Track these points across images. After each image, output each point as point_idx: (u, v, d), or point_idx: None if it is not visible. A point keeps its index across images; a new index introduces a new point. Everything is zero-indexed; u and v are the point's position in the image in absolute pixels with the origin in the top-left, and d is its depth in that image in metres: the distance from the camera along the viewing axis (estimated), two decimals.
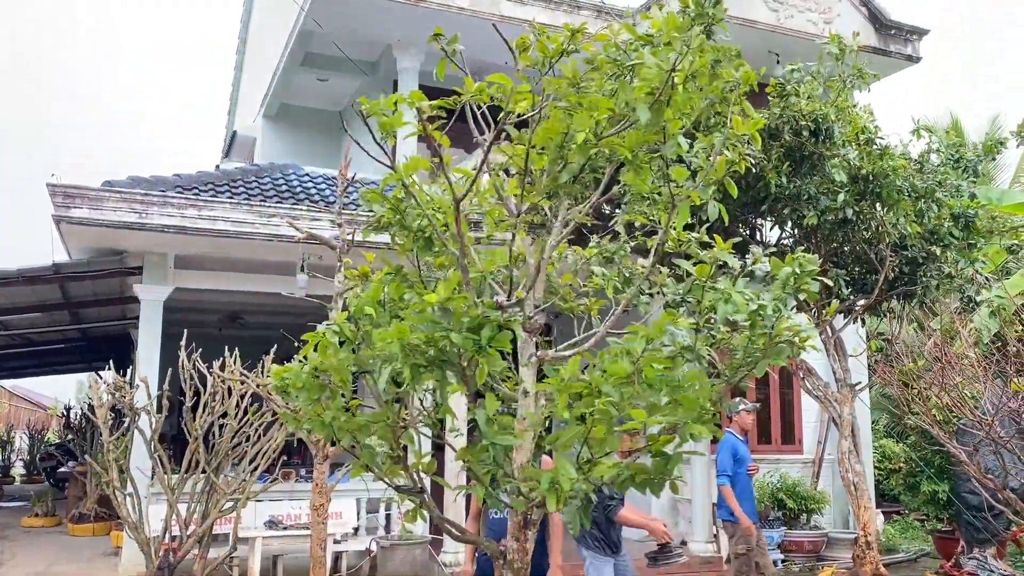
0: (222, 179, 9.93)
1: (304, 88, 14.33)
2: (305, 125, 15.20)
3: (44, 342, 16.27)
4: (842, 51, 8.11)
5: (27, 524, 13.30)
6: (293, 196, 9.71)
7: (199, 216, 8.59)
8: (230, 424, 8.48)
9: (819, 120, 7.66)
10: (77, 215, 8.23)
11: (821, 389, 8.74)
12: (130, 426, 8.57)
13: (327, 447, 6.58)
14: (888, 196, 7.88)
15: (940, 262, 8.36)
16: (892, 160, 7.66)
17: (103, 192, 8.37)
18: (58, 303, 11.73)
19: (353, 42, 12.38)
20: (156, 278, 9.44)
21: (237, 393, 8.47)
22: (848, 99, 8.22)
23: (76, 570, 9.70)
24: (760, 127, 3.61)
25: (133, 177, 9.06)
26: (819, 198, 7.82)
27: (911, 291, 8.66)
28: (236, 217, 8.75)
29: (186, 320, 9.99)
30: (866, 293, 8.82)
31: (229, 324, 14.84)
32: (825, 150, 7.78)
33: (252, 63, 17.87)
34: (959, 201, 8.13)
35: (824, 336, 8.78)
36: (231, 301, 12.69)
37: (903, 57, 12.65)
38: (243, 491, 8.46)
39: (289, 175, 10.67)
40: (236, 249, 9.23)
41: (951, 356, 6.20)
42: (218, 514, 8.48)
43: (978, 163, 8.53)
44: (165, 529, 8.36)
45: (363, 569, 9.35)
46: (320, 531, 6.48)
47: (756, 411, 8.07)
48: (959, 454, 5.84)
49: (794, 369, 9.06)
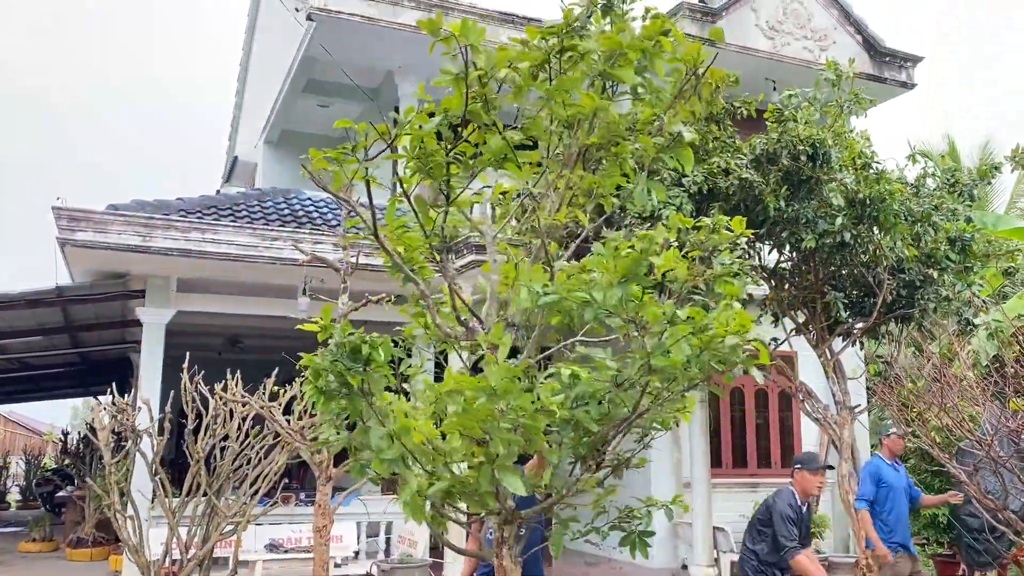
0: (225, 203, 10.01)
1: (306, 114, 14.47)
2: (305, 150, 15.31)
3: (42, 366, 16.26)
4: (839, 77, 8.25)
5: (24, 549, 13.22)
6: (296, 220, 9.80)
7: (203, 239, 8.66)
8: (231, 447, 8.50)
9: (816, 145, 7.76)
10: (82, 238, 8.31)
11: (820, 411, 8.77)
12: (131, 449, 8.58)
13: (330, 469, 6.60)
14: (885, 220, 7.97)
15: (937, 285, 8.43)
16: (889, 184, 7.76)
17: (107, 215, 8.45)
18: (58, 326, 11.76)
19: (355, 69, 12.53)
20: (159, 301, 9.49)
21: (239, 416, 8.50)
22: (845, 124, 8.33)
23: None
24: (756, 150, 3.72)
25: (137, 201, 9.14)
26: (817, 221, 7.91)
27: (909, 314, 8.72)
28: (240, 240, 8.83)
29: (187, 344, 10.02)
30: (864, 316, 8.88)
31: (229, 348, 14.87)
32: (822, 174, 7.88)
33: (253, 87, 18.03)
34: (955, 225, 8.23)
35: (823, 359, 8.83)
36: (232, 325, 12.74)
37: (897, 84, 12.84)
38: (244, 514, 8.46)
39: (291, 199, 10.76)
40: (239, 272, 9.30)
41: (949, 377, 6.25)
42: (219, 537, 8.46)
43: (974, 187, 8.64)
44: (166, 552, 8.34)
45: None
46: (323, 552, 6.50)
47: (905, 436, 7.65)
48: (959, 474, 5.86)
49: (794, 392, 9.09)
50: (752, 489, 11.91)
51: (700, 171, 7.85)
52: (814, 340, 8.87)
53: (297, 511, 9.78)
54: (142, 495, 8.61)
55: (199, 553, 8.39)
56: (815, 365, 9.49)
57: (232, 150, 19.88)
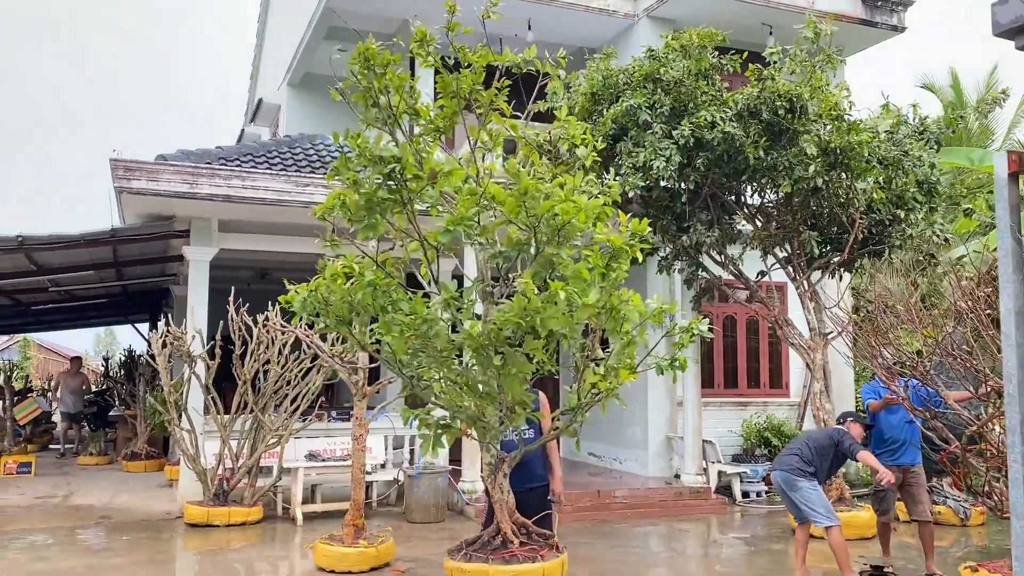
0: (259, 150, 10.94)
1: (326, 58, 15.22)
2: (326, 92, 16.07)
3: (86, 297, 17.43)
4: (817, 35, 9.01)
5: (83, 463, 14.64)
6: (323, 165, 10.72)
7: (243, 186, 9.63)
8: (273, 370, 9.66)
9: (794, 99, 8.60)
10: (136, 186, 9.29)
11: (797, 337, 9.80)
12: (188, 372, 9.75)
13: (366, 387, 7.72)
14: (856, 166, 8.85)
15: (904, 224, 9.36)
16: (858, 135, 8.61)
17: (158, 165, 9.42)
18: (108, 262, 12.84)
19: (373, 16, 13.30)
20: (203, 240, 10.50)
21: (279, 343, 9.63)
22: (824, 78, 9.11)
23: (139, 499, 10.97)
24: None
25: (182, 150, 10.09)
26: (793, 168, 8.80)
27: (879, 250, 9.68)
28: (275, 186, 9.79)
29: (221, 277, 11.03)
30: (841, 251, 9.84)
31: (259, 280, 15.97)
32: (799, 126, 8.74)
33: (273, 32, 18.71)
34: (921, 170, 9.09)
35: (800, 290, 9.82)
36: (261, 259, 13.78)
37: (888, 28, 13.44)
38: (286, 428, 9.67)
39: (318, 145, 11.67)
40: (273, 214, 10.27)
41: (887, 308, 7.20)
42: (264, 449, 9.71)
43: (940, 135, 9.45)
44: (219, 461, 9.59)
45: (392, 496, 10.59)
46: (360, 457, 7.65)
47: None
48: (898, 390, 6.90)
49: (774, 320, 10.10)
50: (742, 408, 13.07)
51: (688, 124, 8.72)
52: (792, 274, 9.84)
53: (331, 426, 10.97)
54: (196, 412, 9.79)
55: (248, 462, 9.68)
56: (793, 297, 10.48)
57: (254, 90, 20.64)
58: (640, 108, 8.94)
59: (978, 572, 6.21)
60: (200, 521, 9.18)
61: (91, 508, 10.30)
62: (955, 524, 9.80)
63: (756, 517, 10.55)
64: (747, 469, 11.70)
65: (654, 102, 9.01)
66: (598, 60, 9.93)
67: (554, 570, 4.95)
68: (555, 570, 4.96)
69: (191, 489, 9.89)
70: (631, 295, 4.75)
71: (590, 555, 8.02)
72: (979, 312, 6.33)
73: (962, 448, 6.67)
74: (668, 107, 8.99)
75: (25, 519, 9.65)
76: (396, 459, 11.11)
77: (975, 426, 6.59)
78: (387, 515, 9.96)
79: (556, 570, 4.97)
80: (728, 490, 11.52)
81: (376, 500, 10.49)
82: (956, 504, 9.89)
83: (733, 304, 12.46)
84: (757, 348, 13.47)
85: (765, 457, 12.34)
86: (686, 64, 9.03)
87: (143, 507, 10.39)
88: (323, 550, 7.36)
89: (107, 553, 8.00)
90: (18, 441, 15.57)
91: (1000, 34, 2.99)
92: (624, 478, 12.13)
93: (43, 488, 11.77)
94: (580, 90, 9.77)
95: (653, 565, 8.13)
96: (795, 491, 6.85)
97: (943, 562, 8.00)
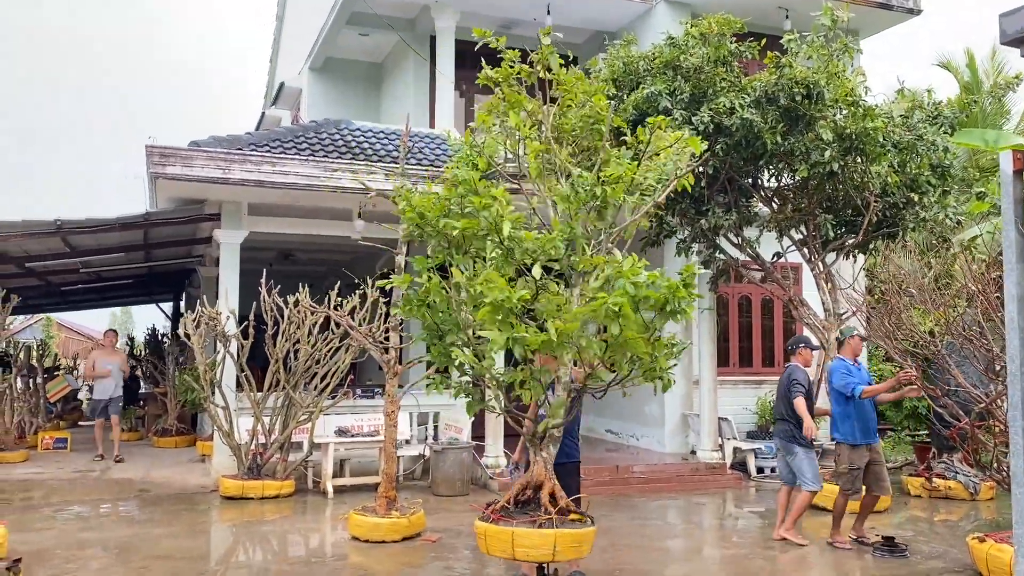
0: (287, 136, 11.21)
1: (347, 42, 15.50)
2: (347, 76, 16.44)
3: (114, 277, 17.83)
4: (834, 22, 9.20)
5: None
6: (349, 150, 11.00)
7: (273, 171, 9.93)
8: (304, 349, 10.00)
9: (811, 85, 8.81)
10: (171, 172, 9.60)
11: (811, 317, 10.06)
12: (223, 350, 10.10)
13: (396, 366, 8.04)
14: (871, 151, 9.07)
15: (918, 207, 9.57)
16: (873, 120, 8.82)
17: (192, 152, 9.73)
18: (138, 244, 13.20)
19: (395, 2, 13.54)
20: (233, 224, 10.82)
21: (308, 323, 9.97)
22: (840, 64, 9.30)
23: (174, 472, 11.38)
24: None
25: (214, 137, 10.39)
26: (810, 153, 9.02)
27: (893, 232, 9.90)
28: (304, 171, 10.09)
29: (247, 258, 11.31)
30: (856, 233, 10.06)
31: (282, 260, 16.34)
32: (816, 111, 8.95)
33: (293, 15, 18.94)
34: (935, 154, 9.30)
35: (815, 271, 10.07)
36: (286, 241, 14.13)
37: (904, 10, 13.56)
38: (316, 405, 10.03)
39: (343, 130, 11.93)
40: (303, 199, 10.58)
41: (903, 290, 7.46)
42: (295, 424, 10.08)
43: (954, 119, 9.63)
44: (252, 437, 9.97)
45: (417, 471, 10.96)
46: (392, 433, 7.98)
47: (867, 338, 7.98)
48: (909, 368, 7.17)
49: (788, 300, 10.35)
50: (756, 385, 13.35)
51: (707, 111, 8.95)
52: (807, 255, 10.09)
53: (358, 403, 11.33)
54: (230, 389, 10.16)
55: (280, 438, 10.06)
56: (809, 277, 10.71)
57: (273, 73, 20.89)
58: (661, 95, 9.18)
59: (985, 542, 6.49)
60: (235, 494, 9.56)
61: (130, 481, 10.71)
62: (965, 499, 10.08)
63: (770, 492, 10.85)
64: (761, 445, 12.00)
65: (674, 89, 9.24)
66: (618, 47, 10.15)
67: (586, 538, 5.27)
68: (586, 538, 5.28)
69: (225, 463, 10.28)
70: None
71: (610, 526, 8.35)
72: (989, 294, 6.57)
73: (971, 424, 6.94)
74: (688, 94, 9.21)
75: (68, 492, 10.07)
76: (420, 435, 11.47)
77: (984, 403, 6.85)
78: (413, 488, 10.33)
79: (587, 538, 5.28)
80: (743, 466, 11.84)
81: (402, 474, 10.85)
82: (966, 479, 10.16)
83: (748, 285, 12.72)
84: (772, 328, 13.72)
85: None
86: (705, 51, 9.25)
87: (179, 480, 10.80)
88: (357, 520, 7.71)
89: (149, 523, 8.39)
90: (50, 418, 16.03)
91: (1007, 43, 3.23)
92: (641, 454, 12.46)
93: (81, 463, 12.20)
94: (601, 76, 9.99)
95: (671, 536, 8.46)
96: (791, 456, 7.53)
97: (953, 534, 8.31)
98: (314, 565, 6.92)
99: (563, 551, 5.18)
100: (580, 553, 5.38)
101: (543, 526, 5.14)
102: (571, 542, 5.21)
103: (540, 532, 5.13)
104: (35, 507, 9.10)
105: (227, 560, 7.37)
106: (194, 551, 7.41)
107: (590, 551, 5.58)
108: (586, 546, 5.39)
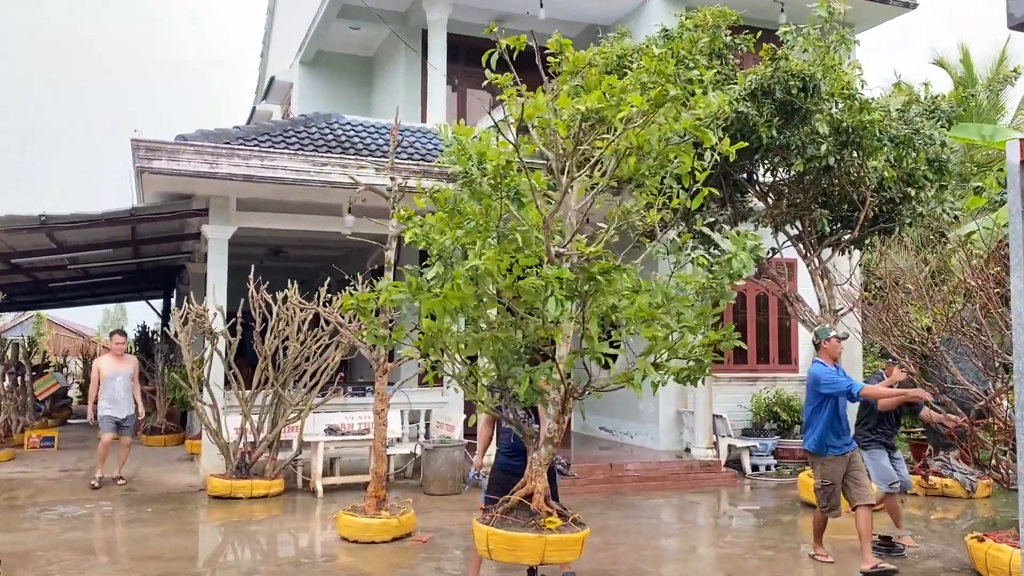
0: (276, 130, 11.06)
1: (338, 36, 15.33)
2: (339, 70, 16.27)
3: (102, 274, 17.65)
4: (830, 14, 9.07)
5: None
6: (339, 145, 10.84)
7: (262, 166, 9.78)
8: (293, 346, 9.86)
9: (807, 78, 8.68)
10: (157, 166, 9.44)
11: (807, 314, 9.94)
12: (211, 348, 9.95)
13: (386, 363, 7.90)
14: (868, 145, 8.95)
15: (915, 202, 9.46)
16: (869, 114, 8.70)
17: (179, 145, 9.56)
18: (126, 240, 13.03)
19: None
20: (221, 219, 10.66)
21: (298, 319, 9.83)
22: (836, 57, 9.17)
23: (162, 471, 11.23)
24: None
25: (201, 131, 10.22)
26: (806, 147, 8.90)
27: (889, 227, 9.79)
28: (293, 166, 9.94)
29: (236, 254, 11.16)
30: (852, 229, 9.94)
31: (272, 257, 16.17)
32: (812, 105, 8.83)
33: (284, 9, 18.75)
34: (931, 148, 9.18)
35: (811, 267, 9.95)
36: (276, 237, 13.97)
37: (900, 4, 13.46)
38: (306, 403, 9.89)
39: (333, 124, 11.77)
40: (291, 193, 10.43)
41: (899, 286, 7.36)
42: (285, 423, 9.94)
43: (951, 114, 9.52)
44: (241, 435, 9.82)
45: (408, 469, 10.83)
46: (382, 431, 7.85)
47: (845, 338, 7.14)
48: (907, 365, 7.07)
49: (784, 297, 10.24)
50: (751, 383, 13.25)
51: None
52: (803, 251, 9.97)
53: (348, 401, 11.19)
54: (218, 387, 10.00)
55: (268, 436, 9.91)
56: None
57: (264, 67, 20.70)
58: None
59: (984, 542, 6.40)
60: (223, 493, 9.42)
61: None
62: (962, 496, 10.00)
63: (765, 490, 10.77)
64: (756, 443, 11.91)
65: None
66: (612, 39, 10.00)
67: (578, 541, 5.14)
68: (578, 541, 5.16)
69: (213, 462, 10.14)
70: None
71: (604, 525, 8.24)
72: (987, 290, 6.47)
73: (970, 422, 6.84)
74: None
75: (54, 491, 9.91)
76: (412, 433, 11.34)
77: (983, 401, 6.76)
78: (404, 487, 10.19)
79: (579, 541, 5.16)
80: (738, 463, 11.74)
81: (393, 473, 10.72)
82: (963, 477, 10.08)
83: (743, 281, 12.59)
84: (767, 324, 13.63)
85: (774, 431, 12.54)
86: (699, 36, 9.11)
87: (167, 479, 10.65)
88: (346, 521, 7.59)
89: (136, 523, 8.25)
90: (38, 416, 15.85)
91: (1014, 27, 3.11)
92: (636, 452, 12.35)
93: (68, 461, 12.04)
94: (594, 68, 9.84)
95: (666, 535, 8.35)
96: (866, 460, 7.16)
97: (950, 533, 8.21)
98: (303, 566, 6.79)
99: (554, 554, 5.05)
100: (574, 556, 5.25)
101: (540, 530, 5.02)
102: (563, 545, 5.08)
103: (532, 536, 5.00)
104: (20, 507, 8.95)
105: (215, 561, 7.23)
106: (182, 552, 7.27)
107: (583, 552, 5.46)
108: (579, 548, 5.26)
